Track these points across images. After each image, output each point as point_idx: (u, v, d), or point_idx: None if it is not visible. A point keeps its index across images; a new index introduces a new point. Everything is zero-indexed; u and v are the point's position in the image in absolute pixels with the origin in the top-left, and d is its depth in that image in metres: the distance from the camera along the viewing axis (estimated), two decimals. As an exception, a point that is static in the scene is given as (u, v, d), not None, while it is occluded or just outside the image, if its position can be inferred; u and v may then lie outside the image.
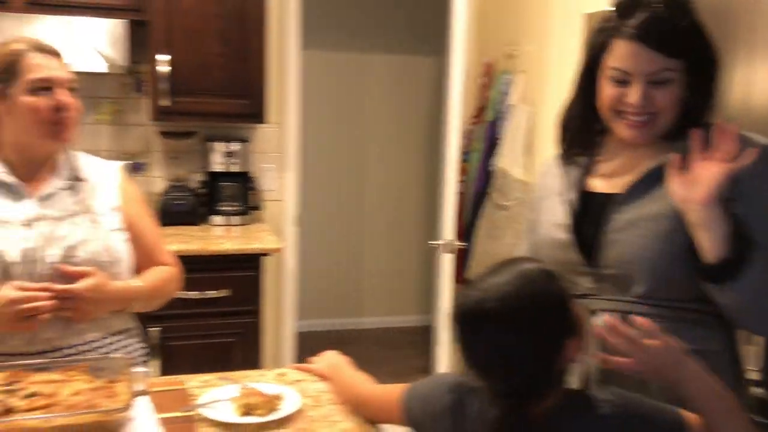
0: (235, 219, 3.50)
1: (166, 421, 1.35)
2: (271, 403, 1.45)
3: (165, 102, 3.19)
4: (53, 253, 1.59)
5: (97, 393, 1.34)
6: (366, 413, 1.47)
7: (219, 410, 1.44)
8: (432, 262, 5.19)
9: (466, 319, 1.16)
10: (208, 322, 3.04)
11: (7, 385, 1.36)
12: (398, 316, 5.34)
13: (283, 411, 1.44)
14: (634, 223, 1.39)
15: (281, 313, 3.79)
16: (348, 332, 5.17)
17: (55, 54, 1.67)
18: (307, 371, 1.69)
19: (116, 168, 1.82)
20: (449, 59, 3.23)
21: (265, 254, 3.11)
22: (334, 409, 1.50)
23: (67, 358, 1.56)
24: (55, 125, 1.61)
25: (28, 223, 1.60)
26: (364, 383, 1.52)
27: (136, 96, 3.48)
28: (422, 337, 5.13)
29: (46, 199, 1.66)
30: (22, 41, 1.65)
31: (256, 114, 3.33)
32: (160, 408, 1.40)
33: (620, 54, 1.35)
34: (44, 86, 1.60)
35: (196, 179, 3.56)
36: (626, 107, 1.36)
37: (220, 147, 3.44)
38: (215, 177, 3.49)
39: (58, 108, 1.61)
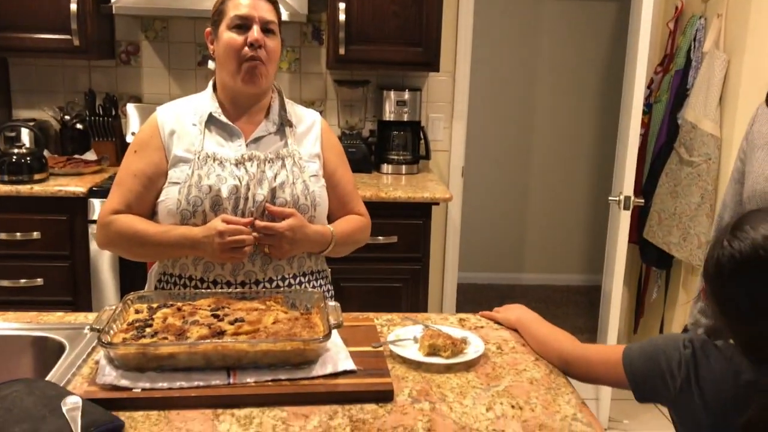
0: (404, 168, 3.52)
1: (356, 354, 1.38)
2: (456, 345, 1.44)
3: (341, 50, 3.24)
4: (260, 193, 1.67)
5: (296, 323, 1.40)
6: (575, 371, 1.40)
7: (406, 348, 1.46)
8: (598, 220, 5.00)
9: (740, 266, 1.10)
10: (377, 266, 3.11)
11: (216, 310, 1.45)
12: (560, 274, 5.20)
13: (468, 355, 1.44)
14: None
15: (445, 263, 3.80)
16: (508, 287, 5.11)
17: None
18: (492, 319, 1.67)
19: (318, 117, 1.87)
20: (635, 1, 3.01)
21: (434, 203, 3.11)
22: (518, 357, 1.47)
23: (265, 290, 1.64)
24: (247, 63, 1.66)
25: (240, 163, 1.69)
26: (569, 341, 1.45)
27: (314, 44, 3.57)
28: (585, 297, 4.97)
29: (256, 141, 1.74)
30: None
31: (430, 62, 3.30)
32: (351, 341, 1.43)
33: None
34: (242, 23, 1.66)
35: (368, 128, 3.62)
36: None
37: (392, 96, 3.46)
38: (386, 126, 3.52)
39: (251, 44, 1.66)
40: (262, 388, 1.26)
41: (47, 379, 1.30)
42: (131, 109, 3.47)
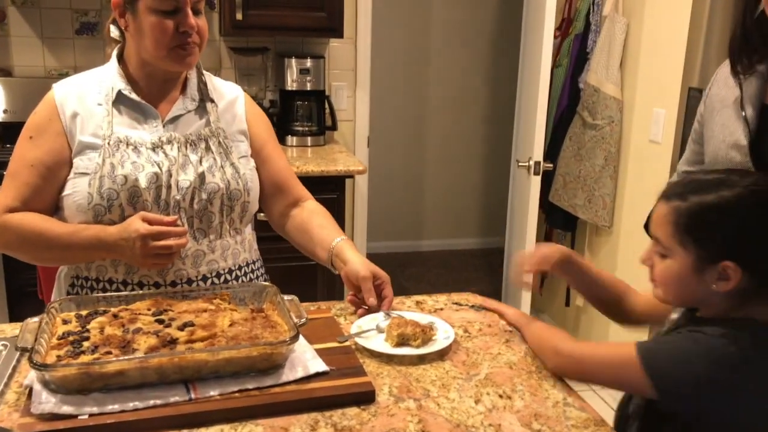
0: (310, 139, 3.38)
1: (323, 352, 1.27)
2: (426, 333, 1.36)
3: (238, 15, 3.03)
4: (184, 179, 1.49)
5: (254, 323, 1.26)
6: (587, 374, 1.25)
7: (372, 339, 1.36)
8: (493, 183, 5.08)
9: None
10: (289, 245, 2.96)
11: (158, 314, 1.28)
12: (458, 239, 5.26)
13: (438, 342, 1.36)
14: None
15: (354, 236, 3.71)
16: (407, 255, 5.11)
17: None
18: (497, 312, 1.55)
19: (240, 91, 1.69)
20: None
21: (348, 176, 3.01)
22: (488, 340, 1.41)
23: (207, 287, 1.48)
24: (181, 48, 1.47)
25: (157, 147, 1.50)
26: (582, 343, 1.28)
27: (207, 10, 3.31)
28: (484, 261, 5.06)
29: (173, 121, 1.54)
30: None
31: (333, 28, 3.17)
32: (313, 337, 1.31)
33: None
34: (172, 8, 1.44)
35: (268, 98, 3.43)
36: None
37: (294, 64, 3.29)
38: (289, 95, 3.35)
39: (185, 32, 1.46)
40: (229, 401, 1.12)
41: (-35, 412, 1.10)
42: (1, 83, 3.09)
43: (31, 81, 3.15)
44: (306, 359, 1.23)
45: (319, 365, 1.22)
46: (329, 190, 2.97)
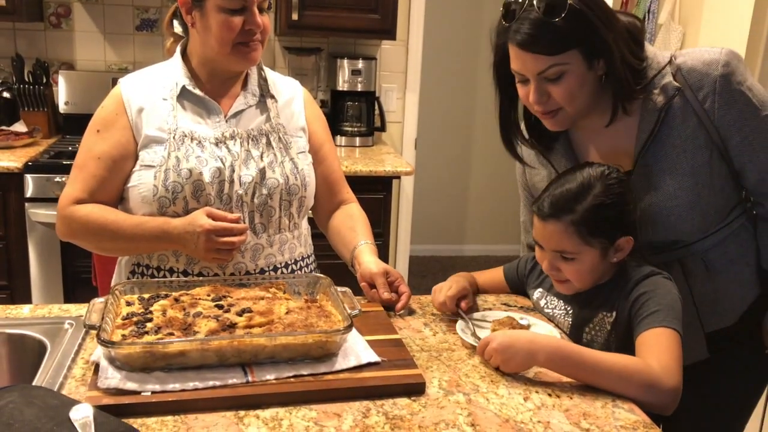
0: (359, 140, 3.42)
1: (374, 344, 1.29)
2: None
3: (294, 15, 3.08)
4: (246, 174, 1.53)
5: (309, 312, 1.30)
6: (603, 382, 1.23)
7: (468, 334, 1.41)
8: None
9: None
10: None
11: (217, 300, 1.33)
12: (501, 245, 5.24)
13: None
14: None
15: (398, 237, 3.74)
16: (450, 258, 5.11)
17: None
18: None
19: (299, 86, 1.73)
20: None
21: (395, 177, 3.04)
22: (536, 340, 1.42)
23: (263, 276, 1.53)
24: (244, 45, 1.51)
25: (220, 142, 1.54)
26: (595, 352, 1.27)
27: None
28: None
29: (235, 116, 1.59)
30: None
31: (387, 30, 3.20)
32: (363, 330, 1.34)
33: (513, 57, 1.36)
34: (239, 6, 1.47)
35: (319, 97, 3.49)
36: (532, 105, 1.39)
37: (346, 65, 3.33)
38: (340, 96, 3.40)
39: (250, 29, 1.49)
40: (284, 385, 1.16)
41: (35, 383, 1.16)
42: (63, 76, 3.20)
43: (92, 75, 3.25)
44: (358, 349, 1.26)
45: (371, 356, 1.25)
46: (376, 190, 3.01)
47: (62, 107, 3.18)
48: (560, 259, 1.37)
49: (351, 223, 1.70)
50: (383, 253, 3.07)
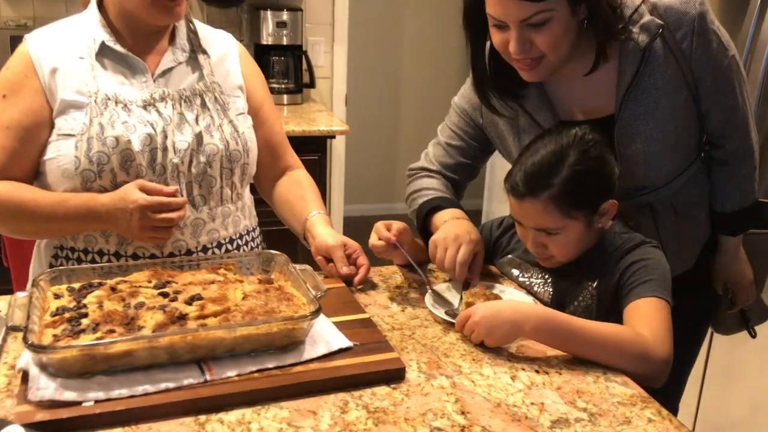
0: (286, 97, 3.24)
1: (342, 326, 1.17)
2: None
3: (212, -37, 2.85)
4: (181, 140, 1.35)
5: (268, 295, 1.16)
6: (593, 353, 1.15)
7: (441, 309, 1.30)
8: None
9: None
10: (268, 209, 2.84)
11: (160, 287, 1.16)
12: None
13: None
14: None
15: (331, 199, 3.60)
16: (381, 218, 5.00)
17: None
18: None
19: (233, 39, 1.55)
20: None
21: (331, 136, 2.89)
22: (510, 310, 1.33)
23: (207, 253, 1.37)
24: (166, 1, 1.32)
25: (149, 104, 1.36)
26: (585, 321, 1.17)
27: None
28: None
29: (164, 74, 1.40)
30: None
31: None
32: (328, 309, 1.21)
33: (492, 1, 1.25)
34: None
35: (243, 53, 3.27)
36: (513, 55, 1.28)
37: (269, 16, 3.12)
38: (264, 50, 3.19)
39: None
40: (249, 382, 1.02)
41: (-51, 399, 0.98)
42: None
43: (-15, 32, 2.92)
44: (327, 334, 1.14)
45: (342, 341, 1.13)
46: (310, 151, 2.84)
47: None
48: (545, 236, 1.28)
49: (300, 192, 1.56)
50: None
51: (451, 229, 1.40)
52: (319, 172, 2.88)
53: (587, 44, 1.30)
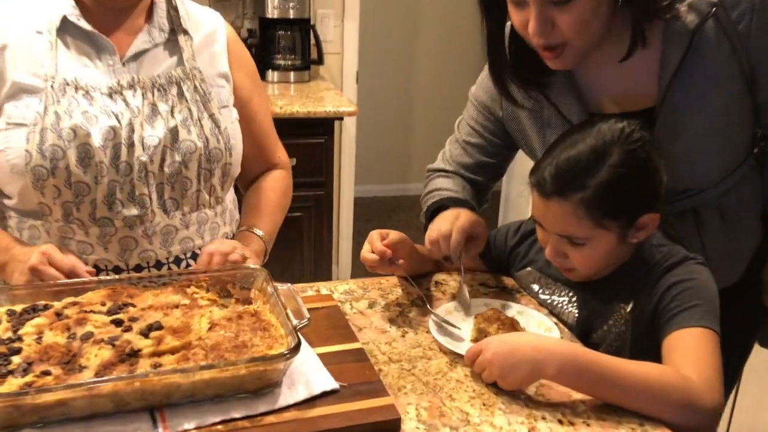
0: (293, 75, 3.04)
1: (328, 358, 0.99)
2: (506, 329, 1.09)
3: (212, -70, 2.64)
4: (151, 135, 1.17)
5: (240, 324, 0.98)
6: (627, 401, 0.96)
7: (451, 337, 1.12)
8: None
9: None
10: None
11: (114, 311, 0.99)
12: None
13: None
14: None
15: (341, 181, 3.41)
16: (394, 198, 4.83)
17: None
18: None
19: (221, 19, 1.36)
20: None
21: (338, 118, 2.68)
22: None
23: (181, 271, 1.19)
24: None
25: (116, 92, 1.17)
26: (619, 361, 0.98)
27: None
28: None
29: (136, 57, 1.21)
30: None
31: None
32: (313, 337, 1.03)
33: None
34: None
35: (246, 26, 3.06)
36: (532, 37, 1.09)
37: (275, -12, 2.91)
38: (270, 24, 2.98)
39: None
40: (210, 437, 0.85)
41: None
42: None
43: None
44: (308, 372, 0.96)
45: (326, 381, 0.94)
46: (316, 134, 2.66)
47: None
48: (567, 245, 1.09)
49: (254, 201, 1.39)
50: (326, 203, 2.75)
51: (439, 221, 1.24)
52: (326, 156, 2.69)
53: (623, 24, 1.10)
